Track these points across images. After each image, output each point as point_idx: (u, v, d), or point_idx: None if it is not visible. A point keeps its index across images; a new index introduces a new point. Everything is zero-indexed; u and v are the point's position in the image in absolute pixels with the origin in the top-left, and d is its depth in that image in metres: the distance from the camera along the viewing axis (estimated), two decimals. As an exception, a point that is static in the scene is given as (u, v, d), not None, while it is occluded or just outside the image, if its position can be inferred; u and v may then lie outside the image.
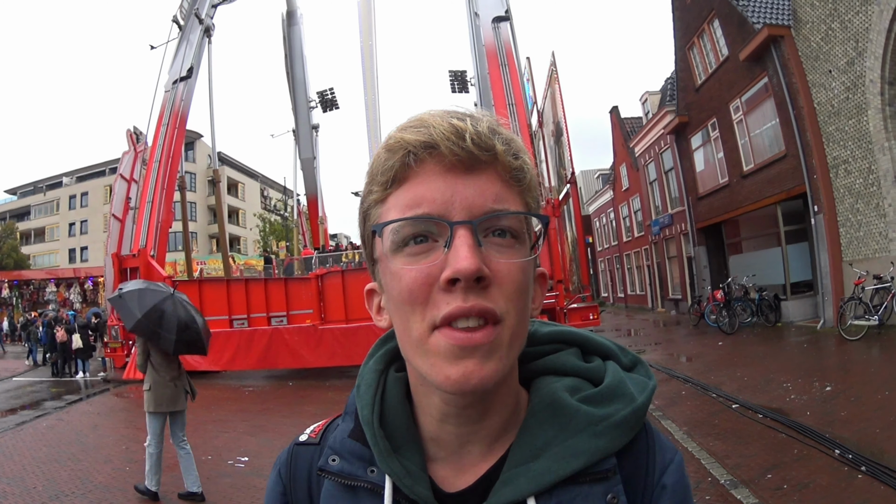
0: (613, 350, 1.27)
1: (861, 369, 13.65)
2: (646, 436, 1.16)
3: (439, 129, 0.99)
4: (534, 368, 1.22)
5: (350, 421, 1.21)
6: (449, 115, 1.03)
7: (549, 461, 1.05)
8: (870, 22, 17.70)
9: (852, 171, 19.32)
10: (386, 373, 1.23)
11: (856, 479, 6.97)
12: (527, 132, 21.58)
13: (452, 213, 0.98)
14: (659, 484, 1.11)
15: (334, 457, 1.16)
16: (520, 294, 1.01)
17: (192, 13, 29.95)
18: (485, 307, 0.95)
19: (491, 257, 0.98)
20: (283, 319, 22.33)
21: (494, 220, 1.00)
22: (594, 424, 1.08)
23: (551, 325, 1.31)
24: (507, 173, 1.03)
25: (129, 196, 27.37)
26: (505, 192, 1.03)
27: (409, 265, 0.99)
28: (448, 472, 1.13)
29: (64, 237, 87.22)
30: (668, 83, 37.56)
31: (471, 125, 1.00)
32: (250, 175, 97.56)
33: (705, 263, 32.44)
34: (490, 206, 1.00)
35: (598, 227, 62.82)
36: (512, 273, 0.99)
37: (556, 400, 1.12)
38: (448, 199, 0.99)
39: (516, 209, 1.03)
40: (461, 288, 0.95)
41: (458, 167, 1.00)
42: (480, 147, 0.99)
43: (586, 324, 20.04)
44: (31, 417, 15.97)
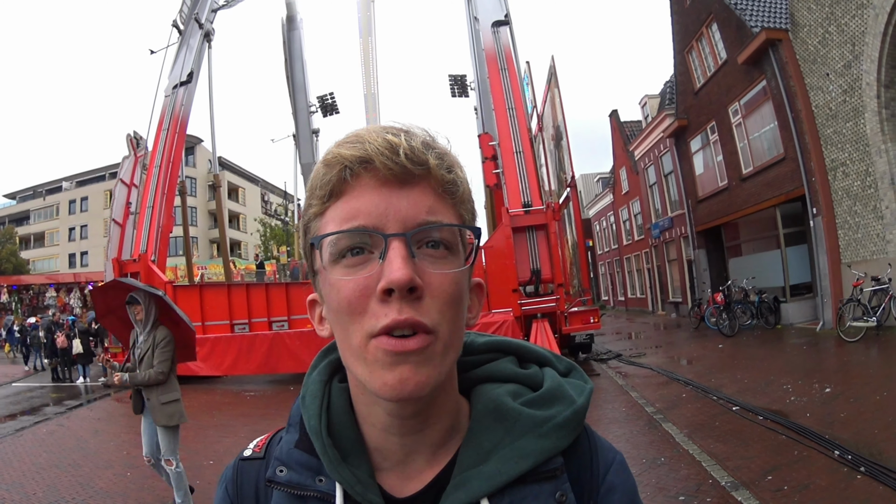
0: (549, 357, 1.32)
1: (860, 371, 13.66)
2: (587, 437, 1.20)
3: (374, 145, 1.02)
4: (472, 377, 1.26)
5: (295, 432, 1.22)
6: (385, 130, 1.06)
7: (499, 463, 1.08)
8: (866, 25, 17.75)
9: (850, 174, 19.34)
10: (330, 384, 1.25)
11: (855, 479, 6.99)
12: (527, 136, 21.57)
13: (387, 226, 1.01)
14: (605, 482, 1.16)
15: (282, 468, 1.17)
16: (452, 304, 1.03)
17: (192, 18, 29.89)
18: (416, 320, 0.98)
19: (424, 269, 1.01)
20: (284, 324, 22.29)
21: (427, 232, 1.03)
22: (539, 426, 1.12)
23: (487, 336, 1.35)
24: (440, 186, 1.06)
25: (129, 201, 27.31)
26: (438, 205, 1.05)
27: (346, 276, 1.02)
28: (395, 481, 1.14)
29: (64, 242, 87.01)
30: (667, 86, 37.51)
31: (405, 140, 1.03)
32: (251, 180, 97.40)
33: (705, 266, 32.42)
34: (423, 218, 1.02)
35: (599, 230, 62.73)
36: (444, 284, 1.02)
37: (499, 405, 1.16)
38: (382, 211, 1.01)
39: (449, 221, 1.06)
40: (396, 298, 0.98)
41: (392, 181, 1.03)
42: (413, 161, 1.02)
43: (587, 327, 20.07)
44: (31, 423, 15.93)
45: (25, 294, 52.98)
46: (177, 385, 8.47)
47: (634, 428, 11.20)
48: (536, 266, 19.72)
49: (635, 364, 19.10)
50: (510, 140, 21.21)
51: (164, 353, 8.05)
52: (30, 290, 53.30)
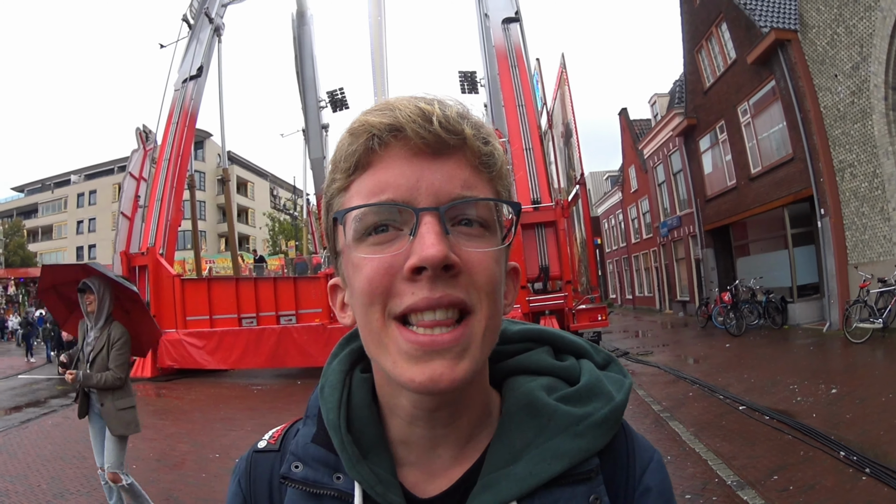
0: (586, 348, 1.24)
1: (866, 372, 13.62)
2: (624, 435, 1.13)
3: (405, 112, 0.95)
4: (505, 368, 1.19)
5: (312, 425, 1.16)
6: (417, 99, 0.99)
7: (531, 464, 1.02)
8: (874, 27, 17.71)
9: (858, 175, 19.31)
10: (351, 374, 1.18)
11: (860, 480, 6.98)
12: (536, 133, 21.53)
13: (418, 200, 0.94)
14: (641, 484, 1.10)
15: (297, 463, 1.11)
16: (492, 285, 0.97)
17: (202, 12, 29.81)
18: (455, 297, 0.92)
19: (459, 246, 0.94)
20: (292, 318, 22.28)
21: (462, 208, 0.96)
22: (575, 424, 1.06)
23: (521, 324, 1.28)
24: (477, 159, 0.99)
25: (138, 194, 27.28)
26: (474, 179, 0.99)
27: (371, 254, 0.96)
28: (419, 478, 1.09)
29: (72, 235, 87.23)
30: (676, 85, 37.43)
31: (438, 108, 0.96)
32: (260, 174, 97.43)
33: (713, 265, 32.35)
34: (458, 192, 0.96)
35: (607, 228, 62.58)
36: (483, 262, 0.95)
37: (533, 400, 1.09)
38: (414, 184, 0.95)
39: (486, 196, 0.99)
40: (428, 277, 0.91)
41: (425, 151, 0.96)
42: (448, 130, 0.95)
43: (594, 325, 20.00)
44: (36, 415, 15.96)
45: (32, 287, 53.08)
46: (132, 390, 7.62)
47: (641, 426, 11.15)
48: (545, 263, 19.71)
49: (642, 362, 19.14)
50: (520, 137, 21.19)
51: (121, 355, 7.15)
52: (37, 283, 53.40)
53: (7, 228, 77.35)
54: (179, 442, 12.49)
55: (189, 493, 8.77)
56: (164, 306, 23.37)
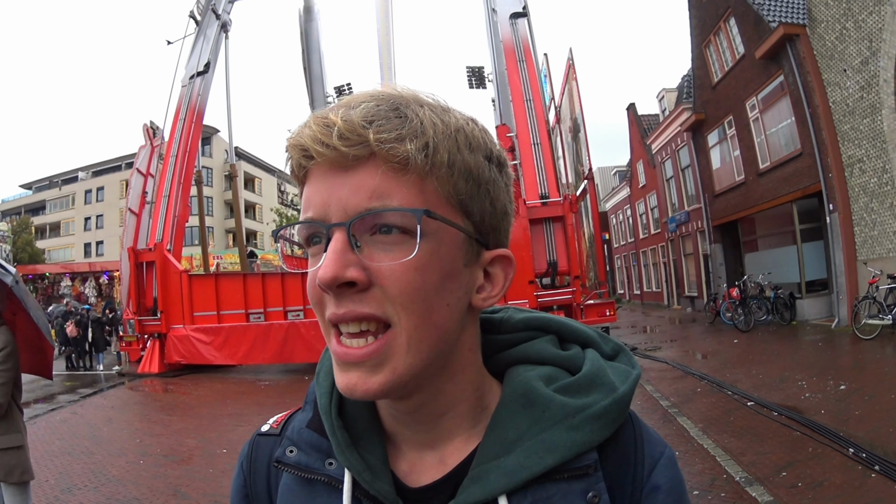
0: (593, 337, 1.21)
1: (875, 368, 13.61)
2: (632, 428, 1.10)
3: (311, 131, 0.95)
4: (507, 358, 1.18)
5: (309, 410, 1.18)
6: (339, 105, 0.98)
7: (522, 456, 1.00)
8: (883, 22, 17.65)
9: (867, 170, 19.24)
10: None
11: (869, 477, 6.97)
12: (544, 128, 21.55)
13: (330, 216, 0.95)
14: (649, 482, 1.06)
15: (292, 448, 1.13)
16: (411, 293, 0.94)
17: (208, 8, 29.81)
18: (360, 313, 0.93)
19: (373, 258, 0.94)
20: (300, 313, 22.30)
21: (375, 218, 0.94)
22: (570, 416, 1.03)
23: (526, 312, 1.26)
24: (387, 163, 0.94)
25: (145, 190, 27.31)
26: (386, 186, 0.94)
27: (310, 266, 0.99)
28: (410, 467, 1.09)
29: (79, 231, 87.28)
30: (684, 80, 37.31)
31: (342, 117, 0.93)
32: (267, 170, 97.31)
33: (721, 261, 32.30)
34: (364, 205, 0.93)
35: (615, 223, 62.54)
36: (396, 273, 0.93)
37: (528, 390, 1.07)
38: (326, 200, 0.96)
39: (405, 200, 0.94)
40: (333, 294, 0.94)
41: (335, 166, 0.95)
42: (349, 142, 0.92)
43: (602, 320, 20.03)
44: (44, 411, 16.04)
45: (41, 283, 53.20)
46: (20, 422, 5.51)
47: (649, 421, 10.99)
48: (553, 258, 19.73)
49: (650, 358, 19.09)
50: (528, 132, 21.20)
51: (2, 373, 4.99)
52: (45, 280, 53.51)
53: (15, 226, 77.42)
54: (187, 437, 12.55)
55: (197, 489, 8.79)
56: (172, 302, 23.47)
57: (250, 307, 23.01)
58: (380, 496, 1.03)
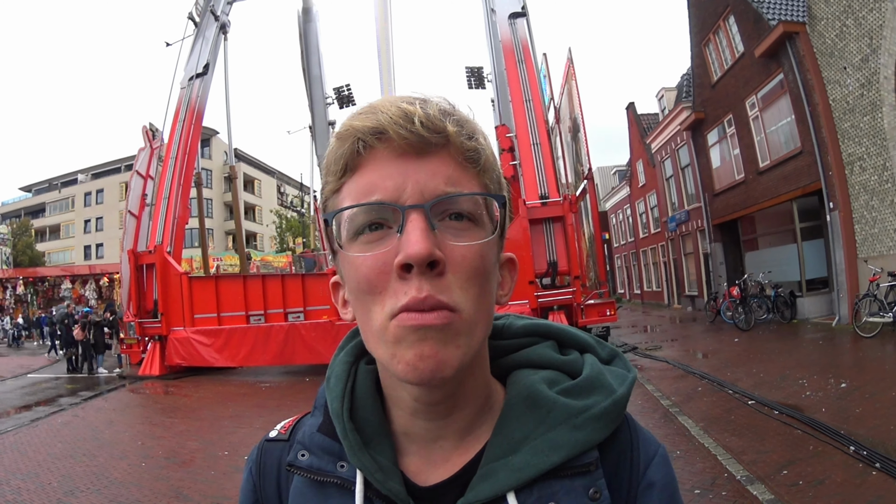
0: (591, 343, 1.27)
1: (876, 366, 13.60)
2: (628, 428, 1.16)
3: (387, 115, 0.98)
4: (509, 362, 1.22)
5: (319, 415, 1.21)
6: (400, 99, 1.02)
7: (528, 455, 1.04)
8: (884, 19, 17.63)
9: (867, 168, 19.23)
10: (356, 365, 1.23)
11: (870, 475, 6.97)
12: (544, 128, 21.56)
13: (405, 198, 0.97)
14: (644, 478, 1.12)
15: (303, 452, 1.15)
16: (477, 278, 1.00)
17: (207, 10, 29.81)
18: (437, 300, 0.95)
19: (446, 241, 0.97)
20: (300, 315, 22.33)
21: (448, 203, 0.99)
22: (573, 417, 1.08)
23: (526, 318, 1.31)
24: (461, 155, 1.02)
25: (145, 192, 27.32)
26: (459, 175, 1.02)
27: (364, 253, 0.99)
28: (420, 466, 1.12)
29: (79, 234, 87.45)
30: (684, 79, 37.35)
31: (420, 108, 0.99)
32: (267, 172, 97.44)
33: (721, 260, 32.30)
34: (443, 189, 0.99)
35: (615, 223, 62.57)
36: (468, 257, 0.98)
37: (533, 392, 1.12)
38: (400, 184, 0.98)
39: (472, 191, 1.02)
40: (416, 275, 0.94)
41: (409, 152, 0.99)
42: (430, 130, 0.98)
43: (603, 320, 20.05)
44: (46, 413, 15.97)
45: (41, 286, 53.29)
46: None
47: (650, 421, 11.17)
48: (553, 258, 19.74)
49: (651, 357, 19.11)
50: (527, 132, 21.21)
51: None
52: (45, 283, 53.59)
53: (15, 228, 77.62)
54: (188, 439, 12.55)
55: (198, 491, 8.78)
56: (172, 304, 23.46)
57: (250, 309, 23.03)
58: (391, 495, 1.06)
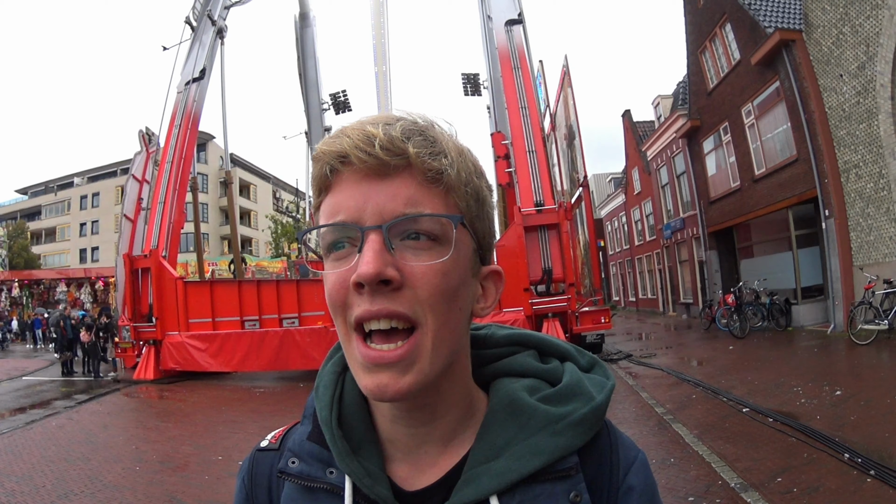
0: (570, 352, 1.30)
1: (871, 374, 13.58)
2: (608, 434, 1.19)
3: (352, 139, 1.01)
4: (492, 370, 1.26)
5: (308, 424, 1.24)
6: (371, 121, 1.05)
7: (510, 460, 1.08)
8: (880, 26, 17.65)
9: (863, 176, 19.25)
10: (344, 374, 1.25)
11: (865, 483, 6.96)
12: (539, 135, 21.59)
13: (365, 219, 1.01)
14: (624, 483, 1.14)
15: (294, 459, 1.18)
16: (440, 296, 1.02)
17: (204, 14, 29.87)
18: (392, 310, 0.99)
19: (406, 261, 1.01)
20: (294, 321, 22.35)
21: (406, 224, 1.01)
22: (553, 423, 1.11)
23: (508, 329, 1.34)
24: (422, 175, 1.04)
25: (140, 197, 27.36)
26: (421, 195, 1.03)
27: (332, 270, 1.04)
28: (407, 472, 1.15)
29: (75, 237, 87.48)
30: (680, 87, 37.37)
31: (382, 131, 1.02)
32: (262, 177, 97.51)
33: (717, 267, 32.32)
34: (401, 210, 1.01)
35: (610, 230, 62.72)
36: (427, 276, 1.01)
37: (514, 400, 1.15)
38: (361, 205, 1.02)
39: (432, 211, 1.03)
40: (367, 291, 0.98)
41: (371, 174, 1.02)
42: (390, 153, 1.01)
43: (597, 327, 20.11)
44: (40, 416, 15.94)
45: (36, 289, 53.24)
46: None
47: (644, 428, 11.19)
48: (548, 265, 19.76)
49: (645, 365, 19.08)
50: (523, 139, 21.24)
51: None
52: (41, 285, 53.55)
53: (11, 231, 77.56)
54: (182, 444, 12.54)
55: (192, 496, 8.76)
56: (167, 309, 23.44)
57: (245, 314, 23.05)
58: (379, 500, 1.09)
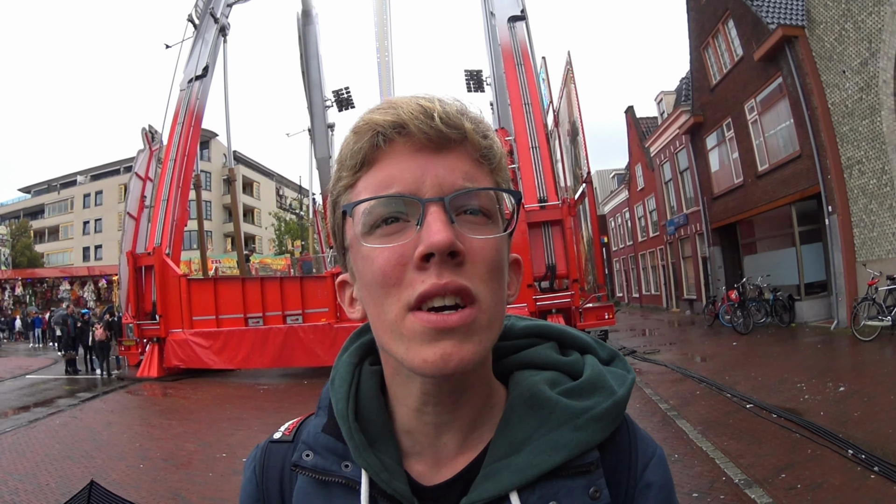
0: (591, 344, 1.28)
1: (874, 370, 13.59)
2: (627, 429, 1.17)
3: (407, 110, 0.99)
4: (511, 363, 1.23)
5: (323, 416, 1.21)
6: (417, 97, 1.04)
7: (531, 455, 1.05)
8: (882, 22, 17.63)
9: (866, 172, 19.23)
10: (360, 366, 1.23)
11: (869, 479, 6.97)
12: (543, 132, 21.53)
13: (424, 192, 0.99)
14: (642, 479, 1.13)
15: (308, 452, 1.16)
16: (495, 273, 1.01)
17: (207, 12, 29.76)
18: (460, 285, 0.95)
19: (464, 234, 0.98)
20: (298, 318, 22.33)
21: (466, 198, 1.00)
22: (575, 417, 1.09)
23: (528, 320, 1.32)
24: (477, 152, 1.04)
25: (144, 194, 27.33)
26: (475, 171, 1.03)
27: (381, 245, 0.99)
28: (425, 467, 1.13)
29: (78, 235, 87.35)
30: (683, 83, 37.32)
31: (439, 105, 1.01)
32: (266, 174, 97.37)
33: (720, 263, 32.29)
34: (461, 183, 1.00)
35: (614, 226, 62.57)
36: (486, 250, 0.99)
37: (535, 393, 1.13)
38: (419, 177, 0.99)
39: (488, 186, 1.04)
40: (435, 263, 0.94)
41: (427, 146, 1.01)
42: (449, 126, 1.00)
43: (601, 323, 20.01)
44: (44, 415, 15.98)
45: (40, 287, 53.27)
46: None
47: (648, 424, 11.14)
48: (552, 261, 19.71)
49: (649, 361, 19.11)
50: (526, 135, 21.18)
51: None
52: (44, 284, 53.56)
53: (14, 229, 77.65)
54: (186, 441, 12.54)
55: (196, 493, 8.79)
56: (171, 306, 23.46)
57: (249, 311, 23.01)
58: (397, 495, 1.07)
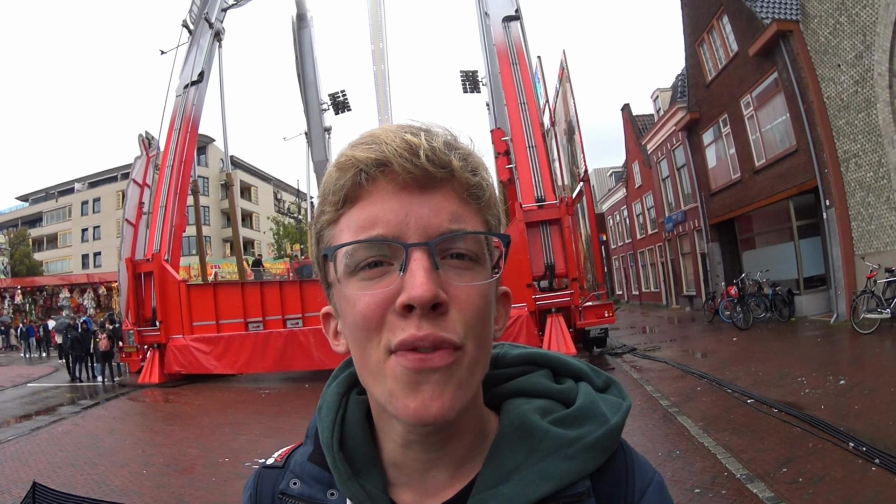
0: (586, 371, 1.25)
1: (874, 362, 13.59)
2: (623, 456, 1.13)
3: (392, 146, 0.95)
4: (503, 391, 1.20)
5: (310, 444, 1.20)
6: (403, 129, 0.99)
7: (519, 485, 1.03)
8: (877, 15, 17.64)
9: (863, 165, 19.24)
10: (348, 395, 1.21)
11: (870, 471, 6.97)
12: (539, 131, 21.56)
13: (407, 235, 0.94)
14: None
15: (295, 480, 1.16)
16: (479, 319, 0.97)
17: (201, 17, 29.78)
18: (440, 337, 0.92)
19: (449, 281, 0.95)
20: (298, 321, 22.32)
21: (452, 242, 0.96)
22: (565, 447, 1.06)
23: (521, 348, 1.29)
24: (465, 191, 1.00)
25: (142, 201, 27.37)
26: (462, 211, 0.99)
27: (363, 290, 0.96)
28: (412, 497, 1.10)
29: (76, 243, 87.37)
30: (678, 80, 37.37)
31: (425, 141, 0.96)
32: (263, 178, 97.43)
33: (719, 259, 32.29)
34: (447, 226, 0.96)
35: (612, 224, 62.52)
36: (471, 298, 0.96)
37: (525, 422, 1.10)
38: (402, 219, 0.95)
39: (475, 229, 1.00)
40: (416, 315, 0.92)
41: (412, 185, 0.96)
42: (435, 164, 0.95)
43: (601, 321, 20.02)
44: (46, 422, 15.93)
45: (39, 296, 53.21)
46: None
47: (650, 421, 11.19)
48: (550, 261, 19.73)
49: (650, 358, 19.09)
50: (522, 135, 21.21)
51: None
52: (43, 292, 53.51)
53: (12, 238, 77.56)
54: (189, 447, 12.53)
55: (199, 498, 8.78)
56: (171, 312, 23.47)
57: (249, 316, 23.01)
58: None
